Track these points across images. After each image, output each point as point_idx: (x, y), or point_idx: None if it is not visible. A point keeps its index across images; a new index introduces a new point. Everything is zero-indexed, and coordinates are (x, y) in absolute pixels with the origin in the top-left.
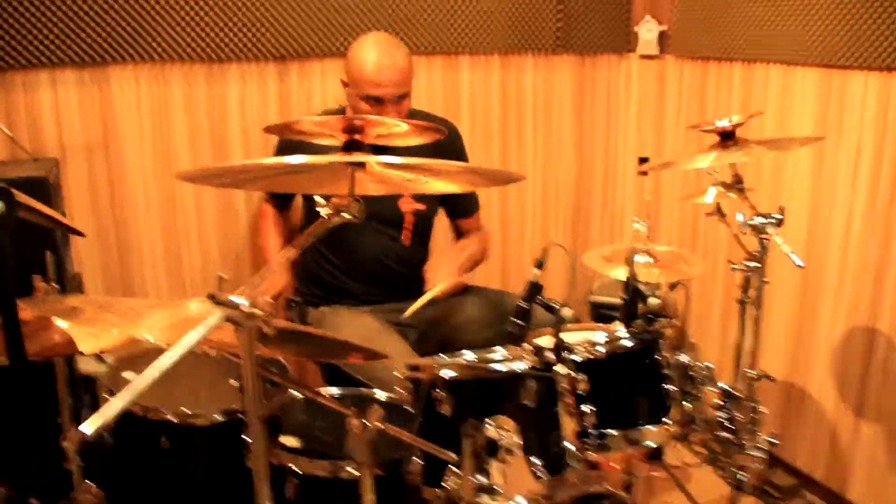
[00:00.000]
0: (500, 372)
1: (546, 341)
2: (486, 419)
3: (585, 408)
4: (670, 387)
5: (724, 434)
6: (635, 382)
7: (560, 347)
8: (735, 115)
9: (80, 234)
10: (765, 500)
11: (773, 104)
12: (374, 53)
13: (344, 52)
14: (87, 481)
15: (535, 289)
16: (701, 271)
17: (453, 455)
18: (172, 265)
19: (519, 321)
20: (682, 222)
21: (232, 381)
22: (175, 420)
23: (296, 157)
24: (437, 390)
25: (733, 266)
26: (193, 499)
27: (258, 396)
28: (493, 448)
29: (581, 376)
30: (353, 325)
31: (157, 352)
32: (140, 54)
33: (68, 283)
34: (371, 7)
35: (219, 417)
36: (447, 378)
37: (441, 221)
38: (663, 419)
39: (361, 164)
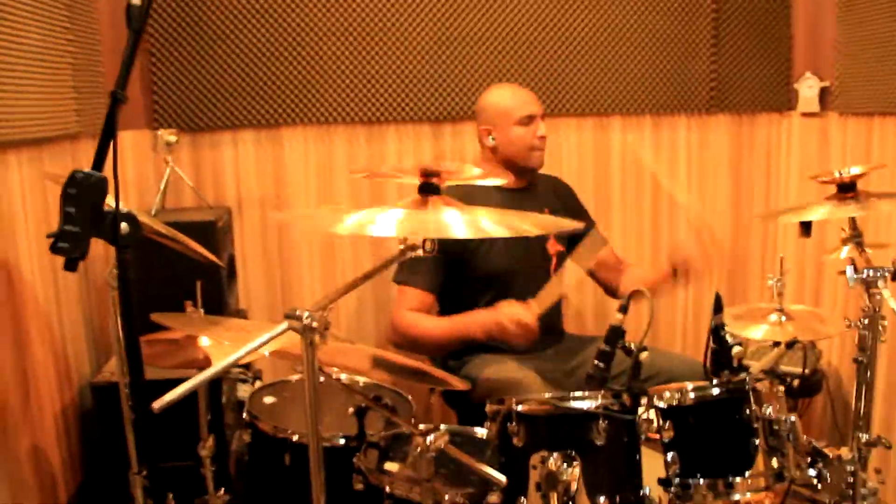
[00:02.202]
0: (571, 409)
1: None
2: (554, 453)
3: (668, 455)
4: (757, 440)
5: (818, 497)
6: (722, 433)
7: (637, 391)
8: (855, 167)
9: (219, 263)
10: None
11: None
12: (509, 86)
13: None
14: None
15: (616, 333)
16: (836, 332)
17: (502, 479)
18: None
19: (600, 364)
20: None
21: (350, 410)
22: (297, 439)
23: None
24: (512, 423)
25: (848, 324)
26: None
27: (317, 405)
28: (553, 481)
29: (665, 423)
30: (496, 366)
31: (296, 384)
32: (308, 117)
33: (230, 316)
34: (522, 70)
35: (340, 441)
36: (519, 411)
37: None
38: (748, 472)
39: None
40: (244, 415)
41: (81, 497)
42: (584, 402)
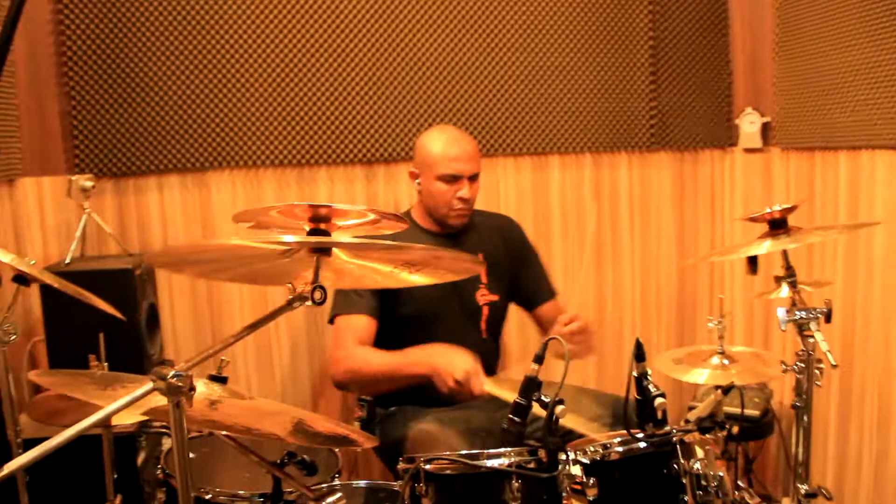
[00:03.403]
0: (482, 467)
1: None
2: None
3: None
4: (686, 496)
5: None
6: (649, 489)
7: (553, 447)
8: (782, 203)
9: (121, 317)
10: None
11: (882, 191)
12: (447, 135)
13: None
14: None
15: (531, 384)
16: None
17: None
18: (263, 359)
19: (516, 418)
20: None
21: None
22: (210, 498)
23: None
24: (420, 483)
25: (784, 368)
26: None
27: (187, 465)
28: None
29: (589, 480)
30: (415, 425)
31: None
32: (236, 161)
33: (151, 367)
34: (456, 110)
35: (257, 500)
36: (428, 470)
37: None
38: None
39: (327, 252)
40: (158, 472)
41: None
42: (497, 459)
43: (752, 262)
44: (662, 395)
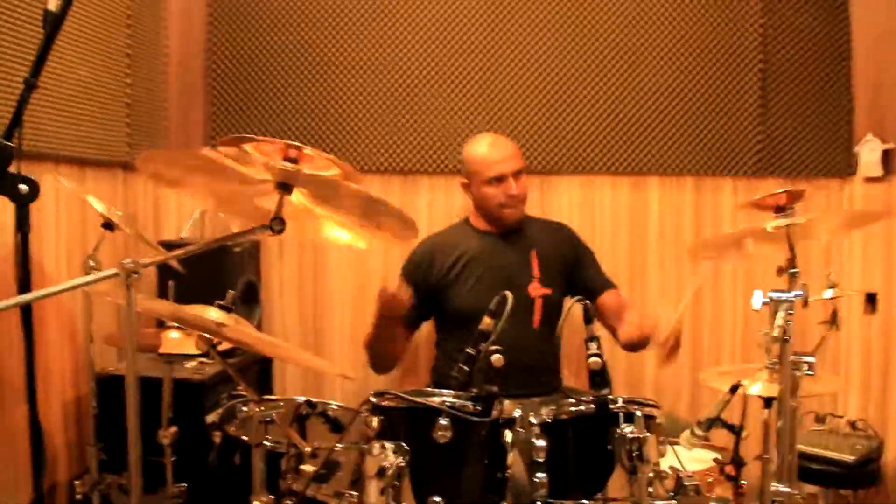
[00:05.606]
0: (415, 403)
1: None
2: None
3: (539, 475)
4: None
5: None
6: (591, 452)
7: (486, 393)
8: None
9: (181, 270)
10: None
11: None
12: (486, 141)
13: (531, 167)
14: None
15: (482, 336)
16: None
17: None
18: (357, 336)
19: (464, 367)
20: None
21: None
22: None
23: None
24: (368, 414)
25: (769, 364)
26: None
27: (134, 347)
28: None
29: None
30: None
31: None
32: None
33: None
34: (555, 126)
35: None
36: (374, 403)
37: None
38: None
39: (289, 190)
40: (215, 417)
41: None
42: (433, 398)
43: (871, 299)
44: (598, 356)
